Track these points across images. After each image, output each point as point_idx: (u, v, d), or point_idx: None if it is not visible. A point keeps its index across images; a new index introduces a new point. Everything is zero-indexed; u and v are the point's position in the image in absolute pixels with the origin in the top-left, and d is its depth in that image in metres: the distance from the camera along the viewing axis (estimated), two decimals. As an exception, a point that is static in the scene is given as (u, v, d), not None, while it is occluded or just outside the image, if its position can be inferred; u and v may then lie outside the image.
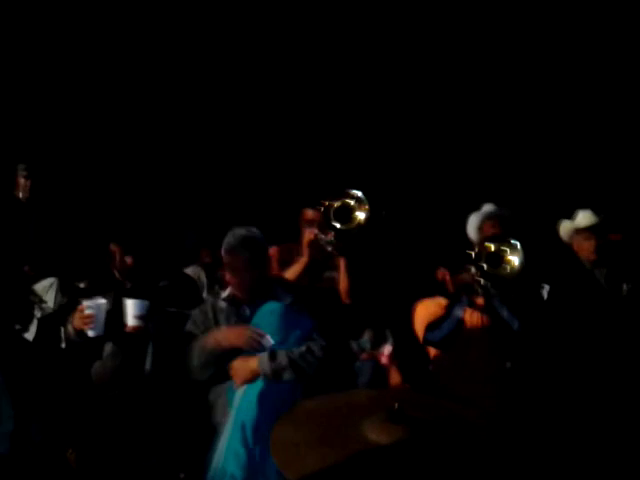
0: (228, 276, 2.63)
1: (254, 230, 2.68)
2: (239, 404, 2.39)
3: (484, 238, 2.96)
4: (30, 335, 3.36)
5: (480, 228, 3.79)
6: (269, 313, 2.50)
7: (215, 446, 2.36)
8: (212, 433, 2.42)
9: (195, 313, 2.65)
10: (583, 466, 2.89)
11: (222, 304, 2.63)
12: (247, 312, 2.59)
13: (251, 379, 2.41)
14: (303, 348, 2.45)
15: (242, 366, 2.44)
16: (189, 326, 2.61)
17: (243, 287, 2.60)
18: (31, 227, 4.04)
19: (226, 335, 2.47)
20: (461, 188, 4.63)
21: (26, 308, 3.22)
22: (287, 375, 2.39)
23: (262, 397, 2.36)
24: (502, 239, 2.94)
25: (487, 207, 3.85)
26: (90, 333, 2.60)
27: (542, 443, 2.68)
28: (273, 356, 2.40)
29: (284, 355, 2.40)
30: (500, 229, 3.69)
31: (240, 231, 2.64)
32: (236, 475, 2.25)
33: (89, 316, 2.57)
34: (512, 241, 2.92)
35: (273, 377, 2.38)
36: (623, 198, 4.39)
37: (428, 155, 5.09)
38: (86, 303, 2.60)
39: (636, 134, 4.86)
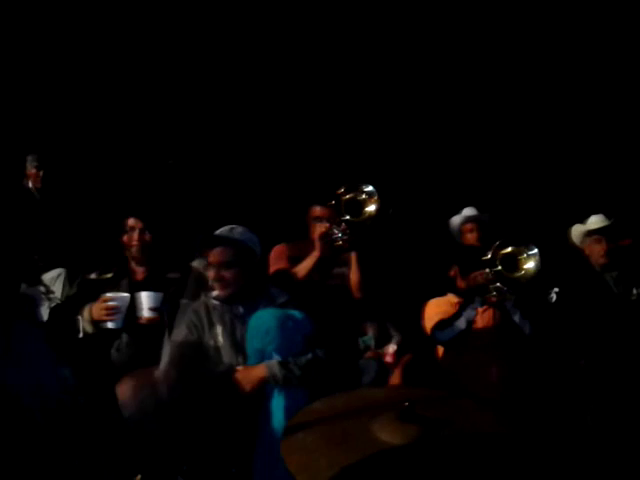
0: (210, 273, 2.59)
1: (240, 229, 2.65)
2: (271, 417, 2.34)
3: (502, 241, 2.94)
4: (37, 325, 3.37)
5: (459, 231, 3.81)
6: (259, 321, 2.42)
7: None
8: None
9: (188, 314, 2.60)
10: (590, 466, 2.89)
11: (214, 302, 2.59)
12: (241, 310, 2.56)
13: (257, 387, 2.37)
14: (310, 356, 2.41)
15: (247, 375, 2.39)
16: (184, 330, 2.56)
17: (223, 284, 2.56)
18: (41, 218, 4.05)
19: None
20: (476, 188, 4.61)
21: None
22: (296, 382, 2.35)
23: (288, 408, 2.30)
24: (520, 243, 2.93)
25: (466, 211, 3.87)
26: (110, 325, 2.62)
27: (550, 444, 2.67)
28: (284, 365, 2.36)
29: (295, 364, 2.37)
30: (479, 233, 3.71)
31: (223, 229, 2.64)
32: None
33: (113, 307, 2.58)
34: (530, 246, 2.91)
35: (283, 384, 2.35)
36: (635, 203, 4.36)
37: (441, 154, 5.06)
38: (110, 295, 2.61)
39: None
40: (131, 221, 2.86)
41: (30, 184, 4.12)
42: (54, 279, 3.65)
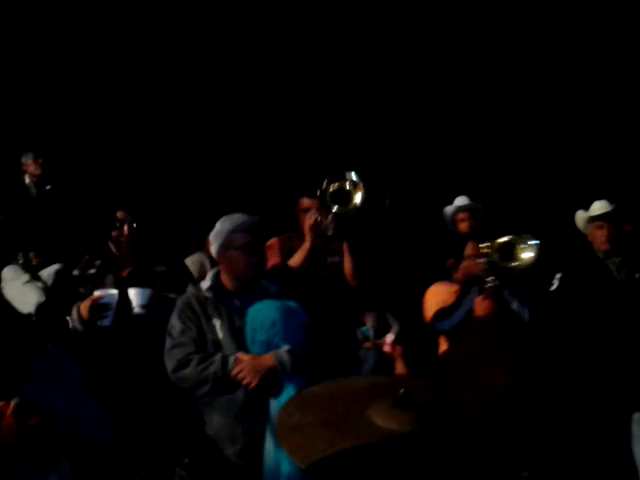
0: (232, 256, 2.51)
1: (257, 218, 2.62)
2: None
3: (500, 230, 2.93)
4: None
5: (453, 221, 3.80)
6: (262, 313, 2.39)
7: (263, 449, 2.31)
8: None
9: (180, 307, 2.53)
10: (590, 453, 2.87)
11: (207, 294, 2.52)
12: (236, 303, 2.52)
13: (265, 377, 2.33)
14: (314, 344, 2.40)
15: (255, 366, 2.34)
16: (178, 324, 2.49)
17: (257, 264, 2.52)
18: (38, 215, 4.04)
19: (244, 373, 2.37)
20: (478, 177, 4.60)
21: None
22: (303, 370, 2.33)
23: None
24: (519, 234, 2.91)
25: (459, 200, 3.85)
26: (101, 323, 2.56)
27: (550, 432, 2.65)
28: (293, 353, 2.34)
29: (302, 352, 2.36)
30: (472, 222, 3.70)
31: (244, 216, 2.60)
32: (292, 476, 2.17)
33: (104, 306, 2.53)
34: (528, 237, 2.89)
35: (291, 372, 2.32)
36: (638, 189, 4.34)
37: (439, 143, 5.05)
38: (99, 293, 2.55)
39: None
40: (120, 214, 2.80)
41: (27, 180, 4.10)
42: (51, 275, 3.62)
